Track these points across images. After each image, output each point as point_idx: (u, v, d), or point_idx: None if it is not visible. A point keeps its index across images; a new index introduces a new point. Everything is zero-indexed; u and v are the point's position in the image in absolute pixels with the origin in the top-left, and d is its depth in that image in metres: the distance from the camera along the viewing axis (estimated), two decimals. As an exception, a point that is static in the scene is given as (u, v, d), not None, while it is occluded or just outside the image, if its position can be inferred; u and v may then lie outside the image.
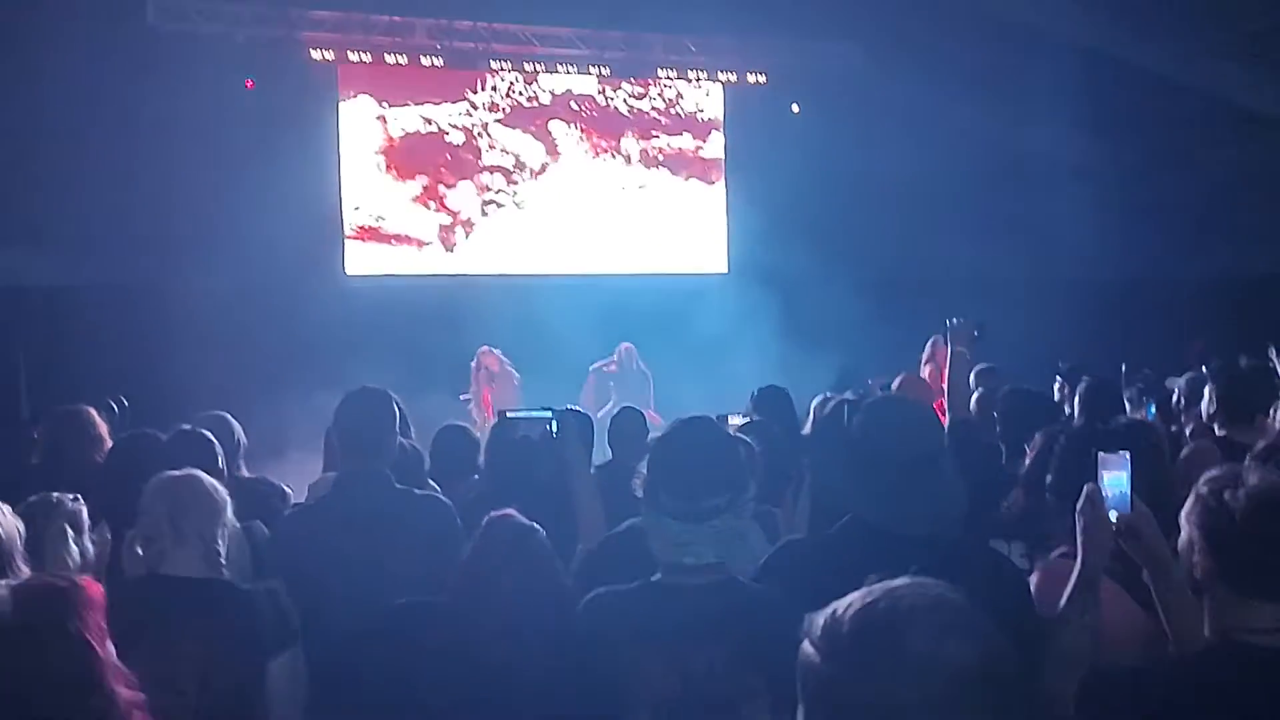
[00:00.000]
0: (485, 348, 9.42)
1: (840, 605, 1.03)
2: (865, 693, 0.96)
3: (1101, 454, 2.14)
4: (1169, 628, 2.14)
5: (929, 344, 7.23)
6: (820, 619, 1.03)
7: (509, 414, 3.74)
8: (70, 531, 2.54)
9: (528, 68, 11.90)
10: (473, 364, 9.44)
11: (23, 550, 2.24)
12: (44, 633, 1.63)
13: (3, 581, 1.79)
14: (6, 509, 2.30)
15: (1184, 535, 1.93)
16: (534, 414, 3.49)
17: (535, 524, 2.52)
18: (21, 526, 2.47)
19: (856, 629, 0.99)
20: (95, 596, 1.70)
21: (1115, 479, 2.13)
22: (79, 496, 2.60)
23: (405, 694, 2.32)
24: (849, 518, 2.29)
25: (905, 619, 0.98)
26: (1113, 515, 2.12)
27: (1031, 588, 2.40)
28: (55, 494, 2.63)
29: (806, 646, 1.02)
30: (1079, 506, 2.14)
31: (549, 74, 11.99)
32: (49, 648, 1.62)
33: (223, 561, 2.52)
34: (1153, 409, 4.95)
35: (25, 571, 2.11)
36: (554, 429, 3.29)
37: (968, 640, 0.96)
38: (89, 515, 2.66)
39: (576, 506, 3.11)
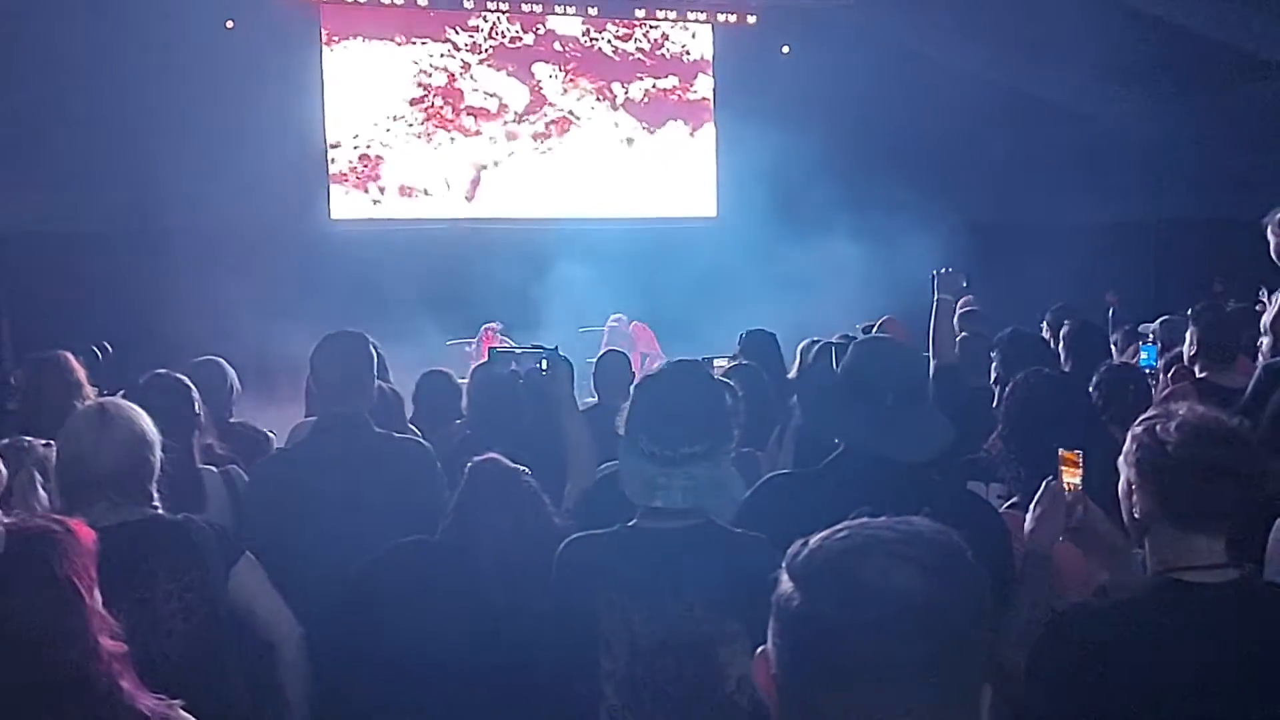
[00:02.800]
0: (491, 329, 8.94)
1: (816, 536, 1.04)
2: (820, 619, 0.98)
3: (1061, 450, 2.13)
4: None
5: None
6: (795, 548, 1.04)
7: (501, 349, 3.69)
8: (39, 477, 2.51)
9: (506, 6, 11.72)
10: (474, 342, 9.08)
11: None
12: (30, 575, 1.56)
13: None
14: None
15: (1123, 478, 1.94)
16: (527, 350, 3.46)
17: (521, 466, 2.55)
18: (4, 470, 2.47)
19: (819, 557, 1.01)
20: (87, 542, 1.64)
21: (1072, 478, 2.12)
22: (51, 442, 2.57)
23: (410, 630, 2.34)
24: (840, 450, 2.32)
25: (861, 549, 0.99)
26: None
27: None
28: (28, 438, 2.61)
29: (783, 575, 1.03)
30: (1036, 498, 2.14)
31: (533, 14, 11.82)
32: (33, 591, 1.55)
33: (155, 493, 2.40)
34: (1154, 352, 4.91)
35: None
36: (544, 366, 3.26)
37: (919, 573, 0.97)
38: None
39: (568, 445, 3.10)
